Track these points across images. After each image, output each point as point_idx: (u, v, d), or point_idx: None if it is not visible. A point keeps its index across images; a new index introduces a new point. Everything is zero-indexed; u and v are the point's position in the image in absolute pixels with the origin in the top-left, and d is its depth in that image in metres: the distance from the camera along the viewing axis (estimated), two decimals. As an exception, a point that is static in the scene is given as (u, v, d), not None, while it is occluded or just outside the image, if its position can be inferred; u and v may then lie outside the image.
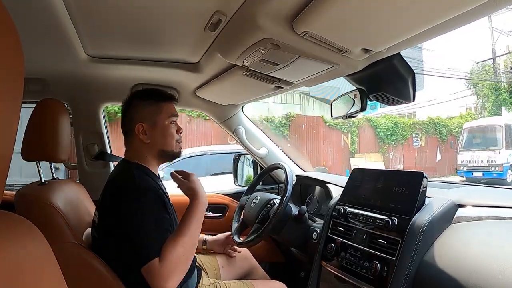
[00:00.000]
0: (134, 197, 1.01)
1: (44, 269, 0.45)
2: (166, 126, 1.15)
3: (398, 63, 1.02)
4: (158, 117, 1.14)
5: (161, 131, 1.14)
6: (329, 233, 1.27)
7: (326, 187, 1.63)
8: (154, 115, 1.14)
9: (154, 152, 1.15)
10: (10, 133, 0.35)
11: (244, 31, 0.89)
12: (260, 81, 1.26)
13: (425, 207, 1.02)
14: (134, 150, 1.15)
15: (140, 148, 1.14)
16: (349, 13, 0.71)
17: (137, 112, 1.15)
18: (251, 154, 1.99)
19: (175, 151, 1.18)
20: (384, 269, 0.99)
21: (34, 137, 1.20)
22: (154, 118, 1.14)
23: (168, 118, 1.16)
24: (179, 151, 1.20)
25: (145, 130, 1.13)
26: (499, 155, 10.25)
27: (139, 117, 1.13)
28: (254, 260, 1.58)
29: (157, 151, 1.15)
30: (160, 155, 1.17)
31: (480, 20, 3.04)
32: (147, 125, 1.13)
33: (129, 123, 1.15)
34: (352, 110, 1.26)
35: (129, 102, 1.17)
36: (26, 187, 1.22)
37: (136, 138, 1.13)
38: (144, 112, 1.14)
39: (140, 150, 1.14)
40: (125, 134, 1.17)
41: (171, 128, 1.16)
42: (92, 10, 0.99)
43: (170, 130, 1.16)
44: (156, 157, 1.17)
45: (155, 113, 1.14)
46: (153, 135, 1.14)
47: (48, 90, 1.53)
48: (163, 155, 1.17)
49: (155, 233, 0.98)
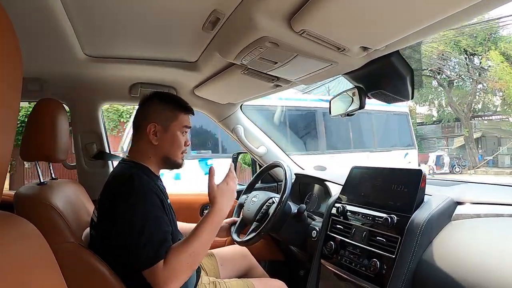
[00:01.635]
0: (133, 197, 1.00)
1: (44, 268, 0.45)
2: (177, 135, 1.16)
3: (397, 61, 1.02)
4: (172, 123, 1.15)
5: (171, 138, 1.15)
6: (328, 231, 1.27)
7: (325, 185, 1.63)
8: (169, 120, 1.15)
9: (158, 156, 1.15)
10: (9, 133, 0.35)
11: (242, 30, 0.89)
12: (259, 80, 1.26)
13: (424, 204, 1.02)
14: (140, 150, 1.16)
15: (146, 147, 1.15)
16: (347, 11, 0.71)
17: (154, 111, 1.15)
18: (250, 153, 1.99)
19: (178, 161, 1.19)
20: (383, 267, 0.99)
21: (32, 137, 1.20)
22: (168, 123, 1.15)
23: (181, 128, 1.17)
24: (182, 163, 1.20)
25: (156, 132, 1.13)
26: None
27: (154, 117, 1.14)
28: (253, 259, 1.58)
29: (161, 156, 1.16)
30: (163, 161, 1.17)
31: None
32: (159, 127, 1.13)
33: (142, 119, 1.15)
34: (350, 108, 1.26)
35: (149, 100, 1.18)
36: (25, 187, 1.21)
37: (145, 136, 1.13)
38: (161, 114, 1.15)
39: (146, 150, 1.15)
40: (136, 129, 1.18)
41: (180, 138, 1.17)
42: (90, 10, 0.99)
43: (180, 140, 1.17)
44: (159, 161, 1.17)
45: (170, 119, 1.15)
46: (163, 139, 1.14)
47: (46, 90, 1.52)
48: (166, 162, 1.17)
49: (154, 236, 0.97)
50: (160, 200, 1.06)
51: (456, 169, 14.21)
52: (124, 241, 0.98)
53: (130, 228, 0.97)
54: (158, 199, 1.05)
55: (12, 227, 0.42)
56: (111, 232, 1.02)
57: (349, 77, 1.18)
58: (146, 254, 0.95)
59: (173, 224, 1.13)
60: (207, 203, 1.91)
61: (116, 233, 1.00)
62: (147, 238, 0.96)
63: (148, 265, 0.95)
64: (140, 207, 0.99)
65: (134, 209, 0.99)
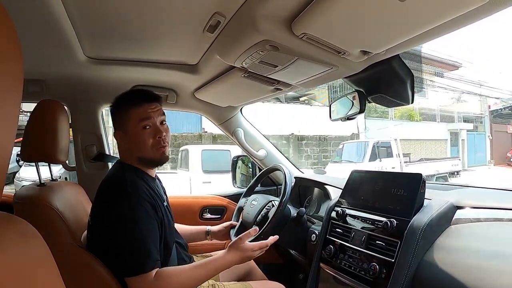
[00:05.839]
0: (122, 202, 0.99)
1: (43, 270, 0.45)
2: (137, 132, 1.08)
3: (397, 65, 1.03)
4: (128, 124, 1.09)
5: (132, 139, 1.10)
6: (327, 235, 1.27)
7: (325, 189, 1.63)
8: (124, 121, 1.11)
9: (134, 159, 1.12)
10: (10, 134, 0.36)
11: (243, 33, 0.89)
12: (259, 83, 1.26)
13: (423, 208, 1.02)
14: (124, 153, 1.15)
15: (127, 153, 1.14)
16: (347, 15, 0.71)
17: (114, 119, 1.14)
18: (250, 156, 1.99)
19: (153, 157, 1.11)
20: (382, 271, 0.99)
21: (33, 138, 1.20)
22: (125, 126, 1.10)
23: (138, 124, 1.08)
24: (161, 156, 1.11)
25: (122, 138, 1.12)
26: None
27: (115, 125, 1.13)
28: (252, 262, 1.57)
29: (136, 158, 1.12)
30: (141, 161, 1.12)
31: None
32: (120, 133, 1.11)
33: (114, 129, 1.15)
34: (350, 112, 1.26)
35: (110, 110, 1.17)
36: (25, 188, 1.21)
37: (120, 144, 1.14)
38: (117, 119, 1.13)
39: (129, 154, 1.14)
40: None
41: (143, 134, 1.08)
42: (91, 12, 0.99)
43: (142, 137, 1.08)
44: (140, 163, 1.13)
45: (124, 119, 1.10)
46: (128, 143, 1.11)
47: (47, 91, 1.53)
48: (144, 161, 1.12)
49: (140, 245, 0.97)
50: (151, 205, 1.03)
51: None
52: (110, 246, 0.99)
53: (116, 233, 0.98)
54: (149, 204, 1.03)
55: (11, 228, 0.42)
56: (101, 235, 1.02)
57: (349, 81, 1.18)
58: (129, 262, 0.95)
59: (168, 227, 1.12)
60: (207, 206, 1.91)
61: (105, 237, 1.00)
62: (131, 245, 0.96)
63: (129, 273, 0.95)
64: (127, 213, 0.98)
65: (122, 214, 0.98)
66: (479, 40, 50.73)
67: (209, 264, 1.07)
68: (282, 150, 2.71)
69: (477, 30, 51.12)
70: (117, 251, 0.97)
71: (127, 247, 0.96)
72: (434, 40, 0.87)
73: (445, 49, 27.97)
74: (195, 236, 1.47)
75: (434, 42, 17.11)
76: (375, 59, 0.98)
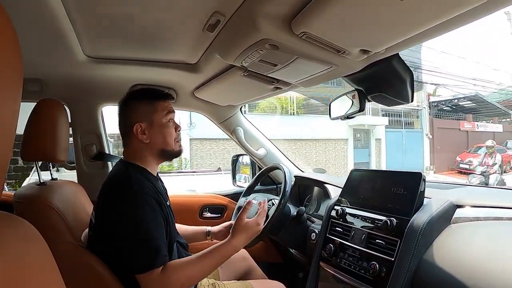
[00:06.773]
0: (128, 201, 1.00)
1: (43, 269, 0.45)
2: (164, 124, 1.14)
3: (397, 63, 1.03)
4: (154, 115, 1.13)
5: (159, 130, 1.13)
6: (327, 234, 1.27)
7: (324, 187, 1.63)
8: (150, 113, 1.13)
9: (154, 151, 1.14)
10: (9, 133, 0.36)
11: (242, 32, 0.89)
12: (259, 82, 1.26)
13: (423, 207, 1.03)
14: (133, 150, 1.14)
15: (139, 148, 1.13)
16: (347, 14, 0.71)
17: (134, 112, 1.14)
18: (250, 155, 1.99)
19: (175, 150, 1.17)
20: (382, 270, 0.99)
21: (33, 137, 1.20)
22: (151, 117, 1.13)
23: (165, 116, 1.14)
24: (179, 150, 1.19)
25: (144, 130, 1.12)
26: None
27: (137, 117, 1.13)
28: (252, 261, 1.58)
29: (157, 151, 1.14)
30: (160, 154, 1.16)
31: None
32: (145, 125, 1.12)
33: (126, 124, 1.14)
34: (350, 111, 1.26)
35: (125, 103, 1.16)
36: (25, 187, 1.21)
37: (135, 138, 1.12)
38: (140, 111, 1.13)
39: (139, 151, 1.13)
40: (123, 135, 1.16)
41: (169, 127, 1.15)
42: (91, 11, 0.99)
43: (169, 129, 1.15)
44: (156, 157, 1.16)
45: (151, 112, 1.13)
46: (152, 134, 1.13)
47: (46, 91, 1.52)
48: (163, 154, 1.16)
49: (149, 241, 0.97)
50: (158, 203, 1.04)
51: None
52: (118, 244, 0.98)
53: (125, 232, 0.97)
54: (155, 201, 1.04)
55: (11, 228, 0.42)
56: (107, 234, 1.01)
57: (349, 80, 1.18)
58: (139, 259, 0.95)
59: (172, 226, 1.12)
60: (207, 204, 1.91)
61: (111, 236, 1.00)
62: (141, 243, 0.96)
63: (141, 270, 0.95)
64: (135, 211, 0.98)
65: (129, 212, 0.98)
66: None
67: (214, 252, 1.07)
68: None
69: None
70: (127, 249, 0.97)
71: (136, 244, 0.96)
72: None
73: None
74: (196, 236, 1.47)
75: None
76: (375, 58, 0.98)
